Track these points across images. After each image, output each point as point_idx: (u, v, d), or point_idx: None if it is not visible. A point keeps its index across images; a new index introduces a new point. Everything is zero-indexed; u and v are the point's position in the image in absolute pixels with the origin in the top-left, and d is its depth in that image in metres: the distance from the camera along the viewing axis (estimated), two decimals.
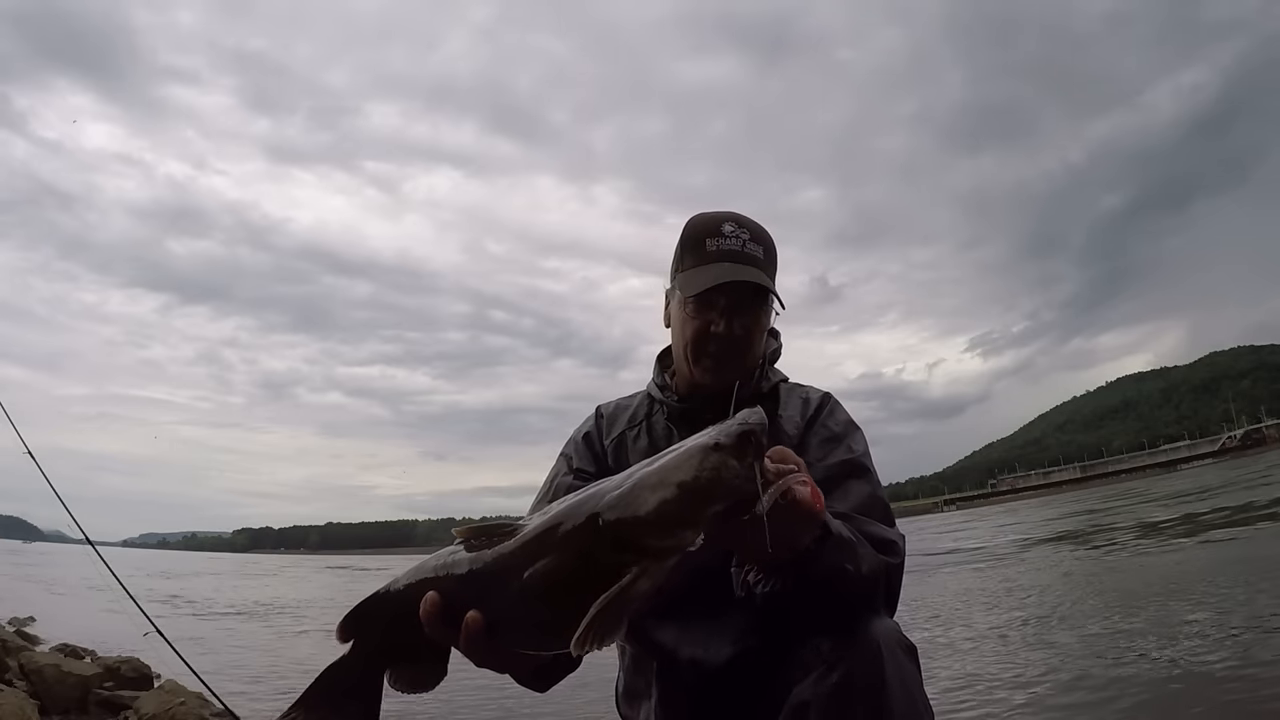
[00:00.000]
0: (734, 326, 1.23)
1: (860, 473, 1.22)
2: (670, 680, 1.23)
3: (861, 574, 1.00)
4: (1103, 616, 5.12)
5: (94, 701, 4.10)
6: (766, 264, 1.27)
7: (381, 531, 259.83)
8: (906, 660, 1.00)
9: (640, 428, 1.38)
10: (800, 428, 1.29)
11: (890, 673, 0.95)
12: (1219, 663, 3.44)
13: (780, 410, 1.31)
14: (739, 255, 1.24)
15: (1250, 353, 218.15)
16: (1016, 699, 3.40)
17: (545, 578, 0.80)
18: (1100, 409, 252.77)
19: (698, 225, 1.29)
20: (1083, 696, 3.29)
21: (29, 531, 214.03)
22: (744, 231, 1.26)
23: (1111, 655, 3.93)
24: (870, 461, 1.25)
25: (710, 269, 1.23)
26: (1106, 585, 6.70)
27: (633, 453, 1.35)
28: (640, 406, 1.42)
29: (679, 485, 0.77)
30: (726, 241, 1.25)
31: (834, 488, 1.17)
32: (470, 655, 0.86)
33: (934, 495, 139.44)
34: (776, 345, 1.43)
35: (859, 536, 1.04)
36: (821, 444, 1.26)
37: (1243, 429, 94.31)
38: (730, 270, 1.22)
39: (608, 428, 1.41)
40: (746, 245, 1.25)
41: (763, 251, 1.27)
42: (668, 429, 1.35)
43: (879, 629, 1.00)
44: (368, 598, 0.93)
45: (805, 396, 1.35)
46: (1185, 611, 4.77)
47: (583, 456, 1.38)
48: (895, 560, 1.11)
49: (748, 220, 1.29)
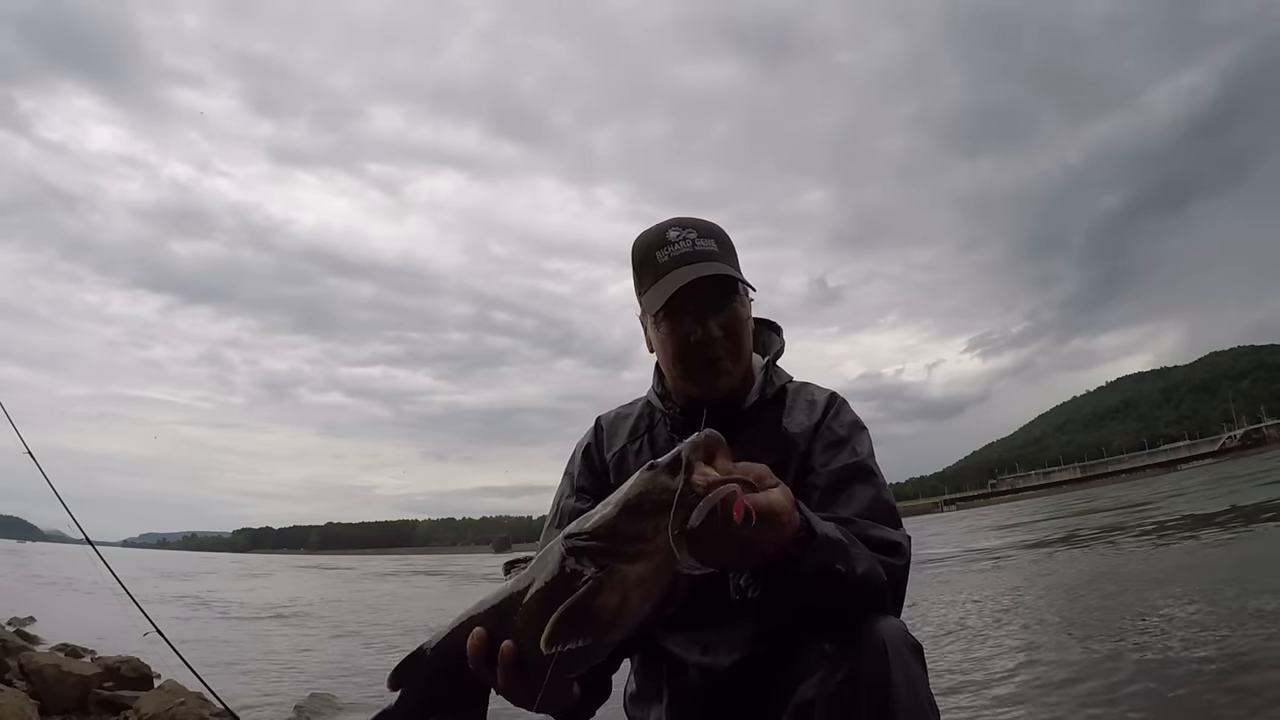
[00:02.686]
0: (711, 327, 1.19)
1: (865, 476, 1.19)
2: (680, 683, 1.23)
3: (856, 574, 0.99)
4: (1102, 617, 5.12)
5: (94, 701, 4.10)
6: (723, 255, 1.23)
7: (382, 531, 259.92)
8: (912, 659, 0.98)
9: (642, 440, 1.35)
10: (809, 430, 1.25)
11: (895, 671, 0.95)
12: (1216, 663, 3.44)
13: (786, 415, 1.28)
14: (691, 255, 1.21)
15: (1250, 353, 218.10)
16: (1014, 698, 3.40)
17: (536, 599, 0.87)
18: (1100, 409, 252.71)
19: (644, 242, 1.26)
20: (1080, 697, 3.29)
21: (29, 531, 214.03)
22: (690, 232, 1.23)
23: (1109, 656, 3.94)
24: (875, 463, 1.23)
25: (667, 279, 1.19)
26: (1105, 585, 6.70)
27: (635, 467, 1.31)
28: (641, 417, 1.38)
29: (617, 502, 0.88)
30: (675, 248, 1.21)
31: (839, 492, 1.16)
32: (508, 693, 0.88)
33: (934, 495, 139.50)
34: (780, 343, 1.39)
35: (851, 538, 1.02)
36: (826, 448, 1.23)
37: (1243, 429, 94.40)
38: (687, 271, 1.18)
39: (608, 441, 1.38)
40: (696, 244, 1.22)
41: (715, 243, 1.23)
42: (670, 440, 1.30)
43: (884, 628, 0.99)
44: (416, 649, 0.97)
45: (812, 399, 1.31)
46: (1183, 613, 4.77)
47: (584, 473, 1.37)
48: (899, 561, 1.09)
49: (692, 220, 1.25)
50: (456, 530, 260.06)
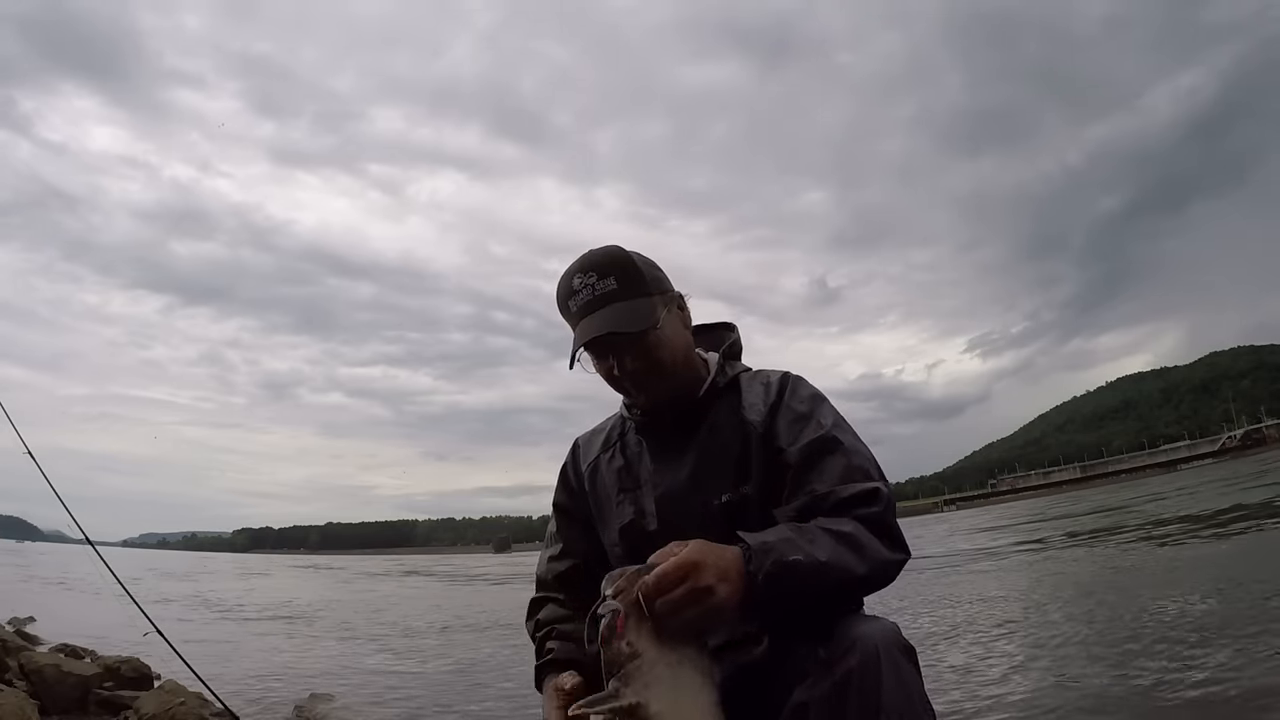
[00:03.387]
0: (625, 362, 1.25)
1: (831, 446, 1.20)
2: None
3: (819, 561, 1.02)
4: (1104, 616, 5.12)
5: (94, 701, 4.09)
6: (625, 289, 1.24)
7: (382, 531, 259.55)
8: (905, 661, 1.00)
9: (614, 448, 1.42)
10: (764, 414, 1.28)
11: (887, 673, 0.96)
12: (1211, 663, 3.43)
13: (742, 400, 1.31)
14: (592, 305, 1.24)
15: (1250, 353, 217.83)
16: (1014, 698, 3.40)
17: None
18: (1100, 409, 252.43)
19: (558, 291, 1.29)
20: (1080, 697, 3.29)
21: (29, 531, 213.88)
22: (591, 275, 1.24)
23: (1107, 654, 3.93)
24: (841, 429, 1.24)
25: (577, 330, 1.26)
26: (1107, 585, 6.69)
27: (608, 474, 1.40)
28: (614, 429, 1.45)
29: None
30: (577, 298, 1.25)
31: (810, 468, 1.19)
32: None
33: (934, 495, 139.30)
34: (733, 338, 1.43)
35: (797, 530, 1.06)
36: (790, 425, 1.25)
37: (1243, 429, 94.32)
38: (584, 331, 1.23)
39: (583, 456, 1.46)
40: (596, 288, 1.24)
41: (615, 279, 1.24)
42: (639, 442, 1.38)
43: (876, 630, 1.01)
44: None
45: (766, 381, 1.34)
46: (1179, 610, 4.77)
47: (560, 492, 1.48)
48: (877, 507, 1.12)
49: (592, 259, 1.26)
50: (456, 530, 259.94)
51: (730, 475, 1.26)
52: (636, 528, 1.30)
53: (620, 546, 1.32)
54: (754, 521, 1.19)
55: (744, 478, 1.25)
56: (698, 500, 1.26)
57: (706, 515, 1.24)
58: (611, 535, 1.35)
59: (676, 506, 1.27)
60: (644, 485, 1.33)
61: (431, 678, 5.41)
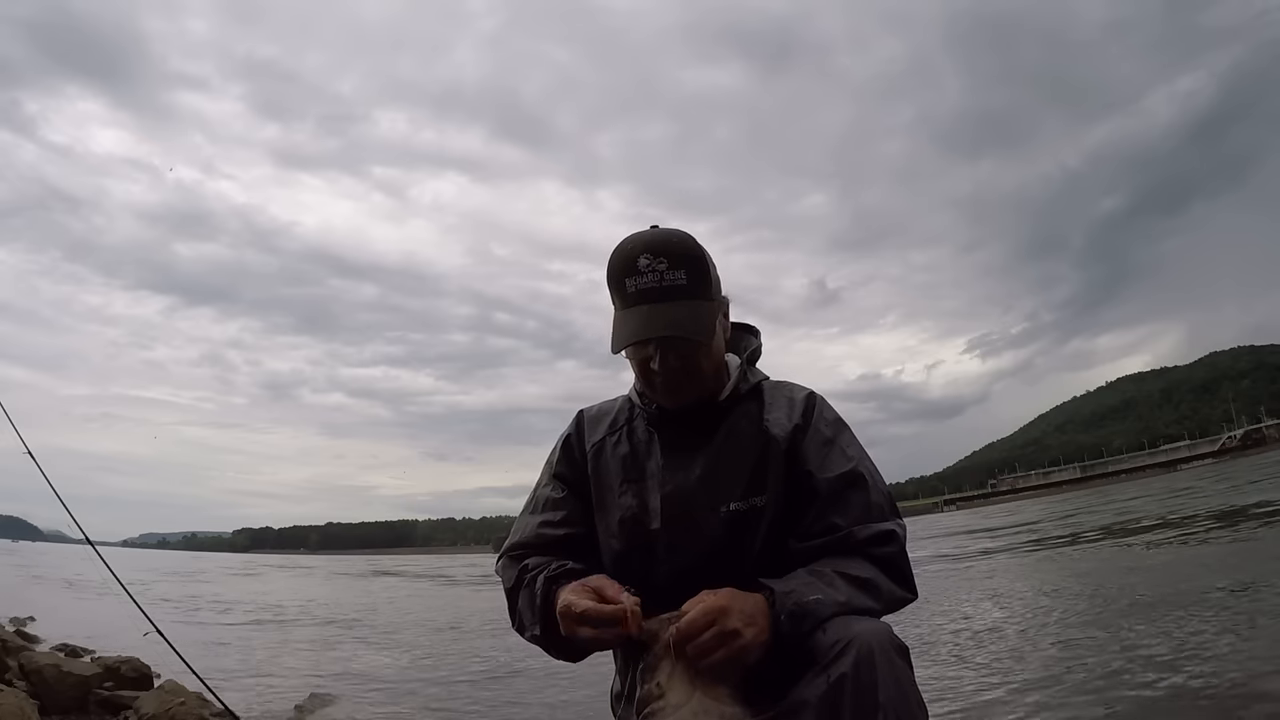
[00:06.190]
0: (669, 360, 1.22)
1: (857, 482, 1.23)
2: None
3: (838, 601, 1.09)
4: (1098, 616, 5.12)
5: (94, 701, 4.09)
6: (693, 287, 1.20)
7: (382, 531, 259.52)
8: (899, 660, 1.02)
9: (621, 433, 1.37)
10: (789, 431, 1.27)
11: (882, 673, 0.98)
12: (1211, 663, 3.43)
13: (766, 412, 1.30)
14: (657, 293, 1.18)
15: (1250, 353, 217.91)
16: (1007, 699, 3.40)
17: None
18: (1100, 409, 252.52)
19: (616, 262, 1.22)
20: (1081, 698, 3.29)
21: (29, 531, 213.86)
22: (661, 261, 1.18)
23: (1107, 653, 3.94)
24: (863, 463, 1.26)
25: (631, 315, 1.20)
26: (1109, 585, 6.69)
27: (612, 458, 1.35)
28: (621, 411, 1.40)
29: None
30: (643, 279, 1.18)
31: (837, 500, 1.22)
32: None
33: (934, 495, 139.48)
34: (755, 344, 1.42)
35: (816, 574, 1.13)
36: (818, 450, 1.26)
37: (1243, 429, 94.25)
38: (647, 323, 1.18)
39: (589, 433, 1.40)
40: (665, 277, 1.18)
41: (685, 275, 1.19)
42: (648, 433, 1.34)
43: (870, 631, 1.03)
44: None
45: (791, 397, 1.33)
46: (1178, 611, 4.76)
47: (562, 461, 1.41)
48: (892, 549, 1.19)
49: (665, 242, 1.20)
50: (456, 530, 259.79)
51: (743, 484, 1.24)
52: (638, 523, 1.27)
53: (619, 540, 1.29)
54: (761, 535, 1.20)
55: (757, 489, 1.24)
56: (705, 504, 1.24)
57: (712, 521, 1.23)
58: (610, 524, 1.31)
59: (682, 507, 1.25)
60: (650, 479, 1.29)
61: (432, 678, 5.40)
